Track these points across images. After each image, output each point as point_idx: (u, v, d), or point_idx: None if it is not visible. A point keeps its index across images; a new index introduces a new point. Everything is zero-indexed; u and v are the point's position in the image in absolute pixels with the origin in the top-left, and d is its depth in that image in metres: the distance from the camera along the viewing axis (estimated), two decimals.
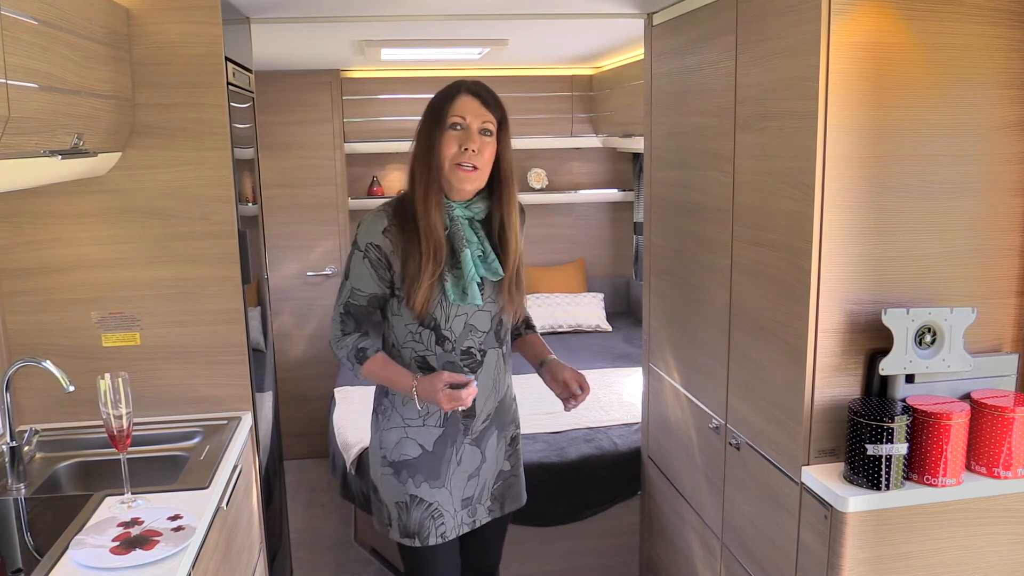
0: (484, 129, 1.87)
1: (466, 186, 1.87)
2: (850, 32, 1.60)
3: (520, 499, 2.15)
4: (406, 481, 1.95)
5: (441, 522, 1.97)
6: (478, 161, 1.85)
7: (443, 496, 1.97)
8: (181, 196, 2.22)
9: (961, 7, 1.63)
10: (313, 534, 3.72)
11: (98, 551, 1.56)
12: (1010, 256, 1.76)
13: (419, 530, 1.95)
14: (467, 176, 1.85)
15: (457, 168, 1.85)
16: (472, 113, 1.86)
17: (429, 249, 1.84)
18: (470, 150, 1.84)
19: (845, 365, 1.73)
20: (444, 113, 1.87)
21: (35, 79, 1.51)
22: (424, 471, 1.95)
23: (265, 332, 2.76)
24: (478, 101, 1.88)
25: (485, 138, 1.87)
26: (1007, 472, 1.67)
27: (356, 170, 4.69)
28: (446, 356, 1.92)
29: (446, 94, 1.90)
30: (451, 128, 1.86)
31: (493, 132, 1.89)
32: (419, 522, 1.95)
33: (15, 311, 2.23)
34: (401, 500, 1.96)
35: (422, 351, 1.92)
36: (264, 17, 2.64)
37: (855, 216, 1.67)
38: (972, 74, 1.66)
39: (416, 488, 1.95)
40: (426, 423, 1.95)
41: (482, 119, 1.87)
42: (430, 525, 1.96)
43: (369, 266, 1.88)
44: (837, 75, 1.61)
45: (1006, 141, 1.71)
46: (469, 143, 1.84)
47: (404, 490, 1.95)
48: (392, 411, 1.97)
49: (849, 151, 1.64)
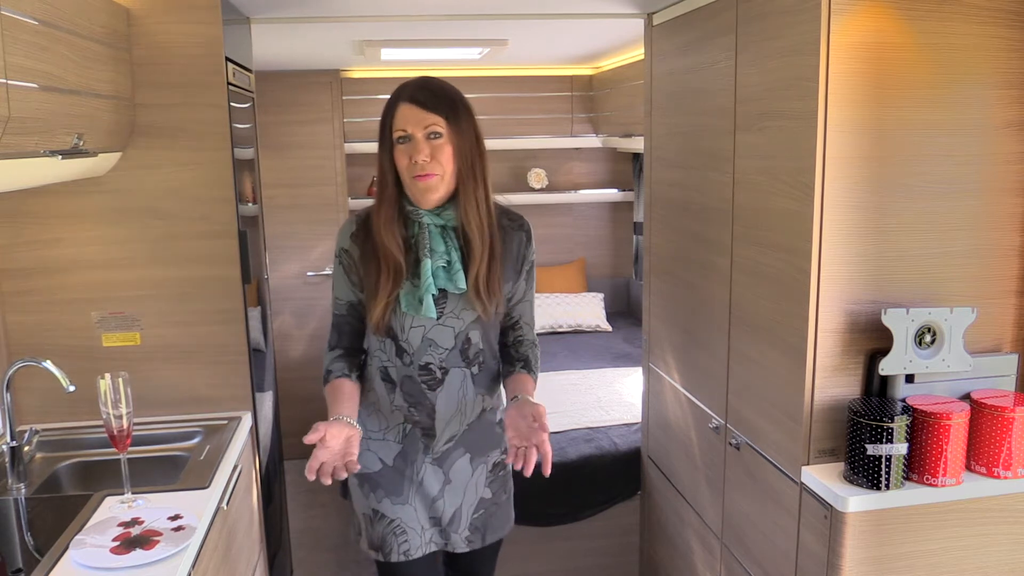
0: (430, 133, 1.74)
1: (429, 195, 1.76)
2: (850, 32, 1.60)
3: (504, 527, 2.03)
4: (368, 495, 1.91)
5: (404, 539, 1.89)
6: (433, 168, 1.74)
7: (407, 513, 1.89)
8: (181, 196, 2.22)
9: (961, 7, 1.63)
10: (313, 534, 3.72)
11: (98, 551, 1.56)
12: (1010, 256, 1.76)
13: (382, 545, 1.90)
14: (427, 184, 1.75)
15: (415, 179, 1.75)
16: (413, 122, 1.75)
17: (387, 267, 1.77)
18: (419, 161, 1.73)
19: (845, 365, 1.73)
20: (388, 128, 1.78)
21: (35, 79, 1.51)
22: (385, 486, 1.89)
23: (265, 332, 2.76)
24: (416, 107, 1.75)
25: (435, 142, 1.74)
26: (1007, 472, 1.67)
27: (356, 170, 4.69)
28: (405, 370, 1.83)
29: (387, 107, 1.80)
30: (397, 142, 1.76)
31: (442, 133, 1.75)
32: (382, 537, 1.90)
33: (15, 311, 2.23)
34: (367, 512, 1.92)
35: (385, 361, 1.85)
36: (264, 17, 2.64)
37: (855, 216, 1.67)
38: (972, 74, 1.66)
39: (378, 503, 1.90)
40: (385, 437, 1.90)
41: (424, 124, 1.74)
42: (392, 541, 1.89)
43: (343, 272, 1.84)
44: (837, 75, 1.61)
45: (1006, 141, 1.71)
46: (416, 154, 1.73)
47: (367, 503, 1.91)
48: (361, 421, 1.85)
49: (849, 151, 1.64)
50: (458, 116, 1.77)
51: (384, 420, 1.89)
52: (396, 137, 1.76)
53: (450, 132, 1.76)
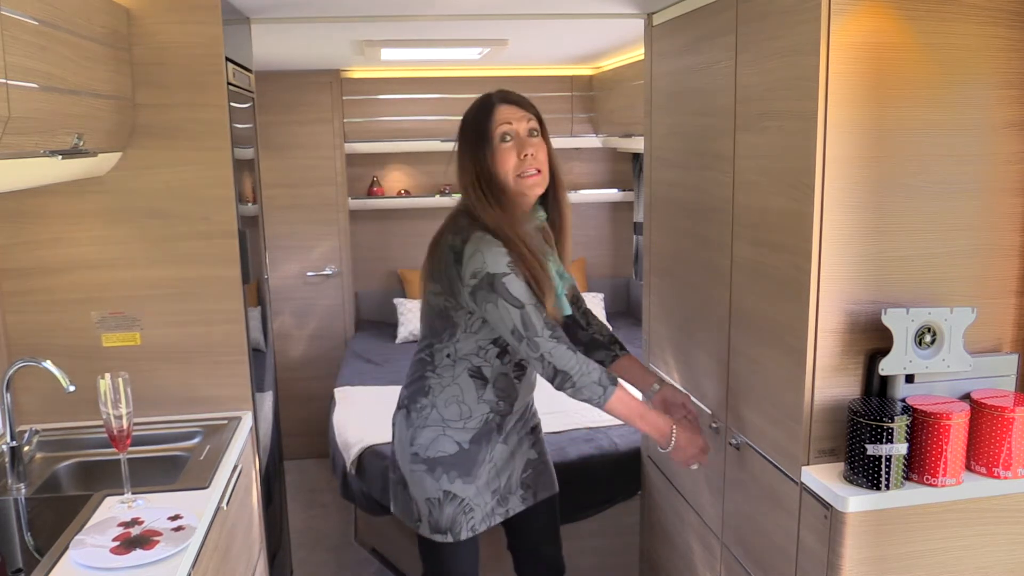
0: (531, 130, 1.87)
1: (536, 191, 1.88)
2: (850, 32, 1.60)
3: (552, 486, 2.20)
4: (440, 477, 1.96)
5: (471, 516, 1.99)
6: (538, 164, 1.85)
7: (473, 491, 1.99)
8: (181, 196, 2.22)
9: (961, 7, 1.63)
10: (313, 534, 3.72)
11: (98, 551, 1.56)
12: (1010, 256, 1.76)
13: (451, 526, 1.98)
14: (534, 181, 1.86)
15: (521, 179, 1.84)
16: (516, 118, 1.85)
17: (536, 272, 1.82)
18: (529, 155, 1.83)
19: (845, 365, 1.73)
20: (487, 129, 1.85)
21: (35, 79, 1.51)
22: (458, 467, 1.97)
23: (265, 332, 2.76)
24: (516, 106, 1.87)
25: (535, 139, 1.87)
26: (1007, 472, 1.67)
27: (356, 170, 4.69)
28: (502, 368, 1.96)
29: (481, 110, 1.88)
30: (502, 141, 1.84)
31: (538, 131, 1.89)
32: (452, 518, 1.97)
33: (15, 311, 2.23)
34: (433, 496, 1.97)
35: (478, 363, 1.94)
36: (264, 17, 2.64)
37: (855, 216, 1.67)
38: (972, 74, 1.66)
39: (450, 484, 1.97)
40: (466, 426, 1.97)
41: (526, 121, 1.87)
42: (462, 520, 1.98)
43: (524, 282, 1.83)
44: (837, 75, 1.61)
45: (1006, 141, 1.71)
46: (525, 148, 1.84)
47: (437, 486, 1.97)
48: (431, 410, 1.97)
49: (849, 151, 1.64)
50: (543, 120, 1.92)
51: (467, 410, 1.97)
52: (501, 133, 1.84)
53: (542, 131, 1.90)
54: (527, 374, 2.02)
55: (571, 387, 1.81)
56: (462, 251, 1.81)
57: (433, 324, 1.96)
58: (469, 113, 1.90)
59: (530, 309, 1.79)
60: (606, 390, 1.82)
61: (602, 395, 1.82)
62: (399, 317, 4.63)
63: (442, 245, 1.88)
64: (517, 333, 1.79)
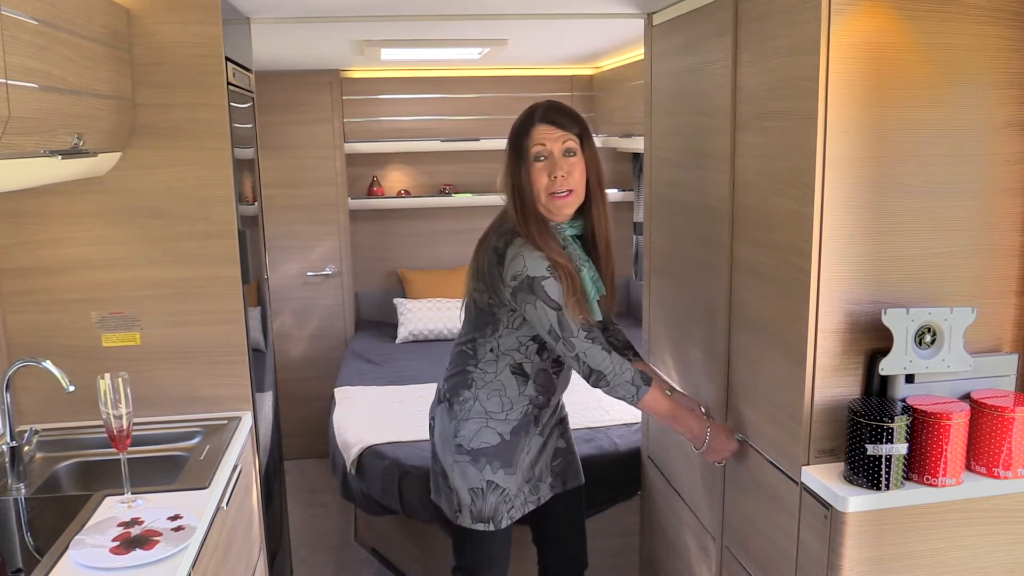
0: (567, 151, 1.91)
1: (565, 211, 1.94)
2: (850, 32, 1.59)
3: (579, 477, 2.28)
4: (484, 468, 2.05)
5: (511, 505, 2.09)
6: (570, 184, 1.91)
7: (512, 481, 2.08)
8: (181, 196, 2.22)
9: (961, 7, 1.63)
10: (313, 534, 3.72)
11: (98, 551, 1.56)
12: (1010, 256, 1.76)
13: (493, 514, 2.07)
14: (565, 202, 1.92)
15: (552, 197, 1.90)
16: (551, 139, 1.90)
17: (566, 277, 1.89)
18: (559, 177, 1.89)
19: (845, 365, 1.73)
20: (524, 147, 1.91)
21: (35, 79, 1.51)
22: (500, 458, 2.05)
23: (265, 332, 2.76)
24: (553, 126, 1.91)
25: (571, 159, 1.91)
26: (1007, 472, 1.67)
27: (356, 170, 4.69)
28: (541, 364, 2.05)
29: (521, 126, 1.94)
30: (535, 160, 1.90)
31: (577, 151, 1.93)
32: (494, 507, 2.06)
33: (15, 311, 2.23)
34: (476, 486, 2.05)
35: (520, 359, 2.03)
36: (264, 17, 2.64)
37: (855, 216, 1.67)
38: (972, 74, 1.66)
39: (493, 474, 2.05)
40: (508, 417, 2.05)
41: (562, 141, 1.91)
42: (503, 509, 2.08)
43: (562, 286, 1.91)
44: (837, 75, 1.61)
45: (1006, 141, 1.70)
46: (556, 170, 1.89)
47: (481, 476, 2.05)
48: (474, 403, 2.05)
49: (849, 151, 1.64)
50: (588, 133, 1.97)
51: (508, 403, 2.05)
52: (535, 154, 1.91)
53: (582, 150, 1.94)
54: (564, 369, 2.11)
55: (606, 385, 1.92)
56: (504, 254, 1.92)
57: (476, 319, 2.05)
58: (515, 124, 1.97)
59: (567, 311, 1.89)
60: (639, 389, 1.93)
61: (635, 394, 1.93)
62: (399, 317, 4.63)
63: (486, 246, 1.99)
64: (554, 333, 1.90)
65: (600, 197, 1.99)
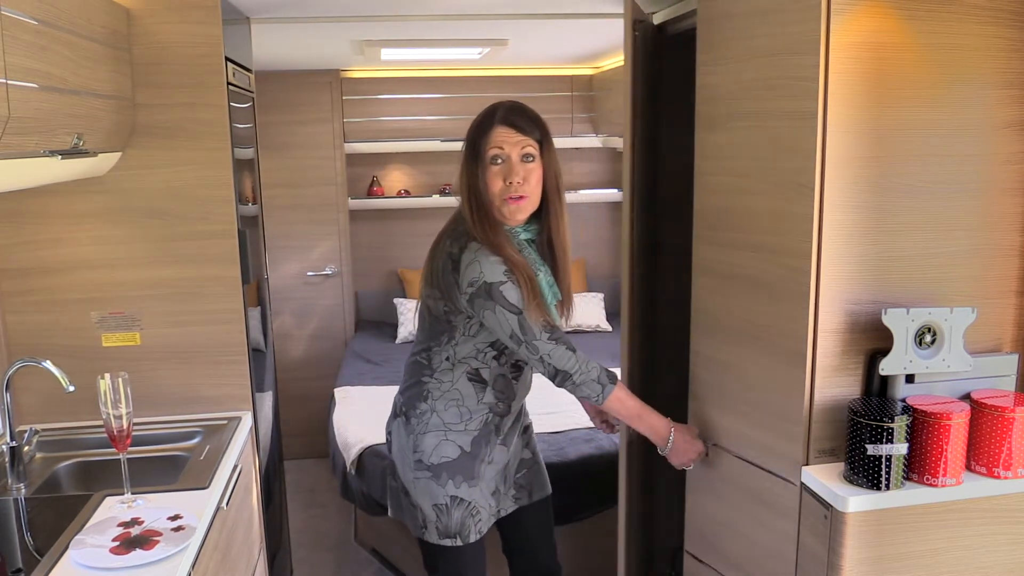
0: (525, 155, 1.85)
1: (519, 216, 1.88)
2: (850, 32, 1.59)
3: (546, 487, 2.21)
4: (446, 483, 1.96)
5: (479, 518, 2.00)
6: (525, 190, 1.85)
7: (477, 493, 2.00)
8: (181, 196, 2.22)
9: (961, 7, 1.63)
10: (313, 534, 3.72)
11: (98, 551, 1.56)
12: (1010, 256, 1.76)
13: (460, 529, 1.97)
14: (518, 207, 1.86)
15: (507, 201, 1.85)
16: (509, 143, 1.84)
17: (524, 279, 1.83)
18: (515, 183, 1.83)
19: (845, 365, 1.73)
20: (481, 148, 1.85)
21: (35, 79, 1.52)
22: (463, 471, 1.97)
23: (265, 332, 2.76)
24: (513, 129, 1.84)
25: (528, 165, 1.85)
26: (1007, 472, 1.67)
27: (356, 170, 4.69)
28: (499, 369, 1.97)
29: (480, 127, 1.87)
30: (492, 163, 1.84)
31: (535, 156, 1.86)
32: (460, 521, 1.97)
33: (15, 311, 2.23)
34: (440, 502, 1.96)
35: (477, 365, 1.95)
36: (264, 17, 2.64)
37: (855, 216, 1.67)
38: (972, 74, 1.66)
39: (456, 488, 1.96)
40: (467, 428, 1.97)
41: (521, 147, 1.84)
42: (470, 523, 1.98)
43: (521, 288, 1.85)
44: (837, 75, 1.61)
45: (1006, 141, 1.70)
46: (512, 175, 1.83)
47: (444, 492, 1.96)
48: (431, 415, 1.97)
49: (849, 151, 1.64)
50: (549, 139, 1.90)
51: (467, 413, 1.97)
52: (491, 156, 1.84)
53: (541, 155, 1.88)
54: (523, 374, 2.04)
55: (572, 385, 1.87)
56: (459, 259, 1.84)
57: (431, 328, 1.98)
58: (472, 124, 1.90)
59: (528, 314, 1.83)
60: (605, 388, 1.87)
61: (601, 392, 1.87)
62: (399, 317, 4.63)
63: (440, 251, 1.91)
64: (516, 337, 1.83)
65: (558, 204, 1.93)
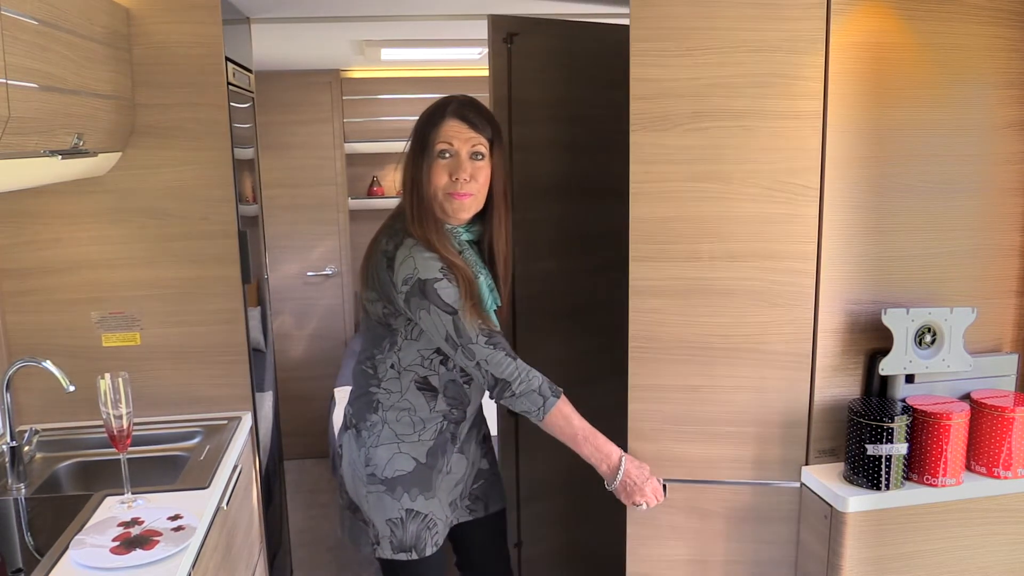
0: (475, 153, 1.75)
1: (462, 214, 1.77)
2: (850, 32, 1.60)
3: (502, 499, 2.09)
4: (401, 496, 1.86)
5: (436, 531, 1.90)
6: (471, 188, 1.74)
7: (434, 505, 1.90)
8: (181, 196, 2.22)
9: (961, 7, 1.63)
10: (313, 534, 3.72)
11: (98, 551, 1.56)
12: (1010, 256, 1.76)
13: (416, 543, 1.87)
14: (462, 204, 1.75)
15: (450, 196, 1.74)
16: (460, 138, 1.74)
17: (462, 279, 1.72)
18: (461, 179, 1.73)
19: (845, 365, 1.73)
20: (430, 140, 1.75)
21: (35, 79, 1.51)
22: (418, 484, 1.87)
23: (265, 332, 2.76)
24: (465, 124, 1.75)
25: (477, 162, 1.75)
26: (1007, 472, 1.67)
27: (356, 170, 4.69)
28: (449, 375, 1.85)
29: (430, 118, 1.78)
30: (439, 156, 1.74)
31: (485, 155, 1.76)
32: (416, 535, 1.87)
33: (15, 311, 2.23)
34: (395, 516, 1.87)
35: (424, 373, 1.83)
36: (264, 17, 2.64)
37: (855, 216, 1.67)
38: (972, 74, 1.66)
39: (412, 502, 1.87)
40: (420, 438, 1.87)
41: (471, 143, 1.74)
42: (426, 536, 1.88)
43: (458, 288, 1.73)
44: (837, 75, 1.61)
45: (1006, 141, 1.71)
46: (459, 172, 1.72)
47: (399, 505, 1.86)
48: (383, 427, 1.86)
49: (849, 151, 1.64)
50: (500, 139, 1.80)
51: (420, 423, 1.86)
52: (439, 150, 1.75)
53: (491, 154, 1.77)
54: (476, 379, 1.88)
55: (511, 396, 1.71)
56: (394, 256, 1.74)
57: (373, 333, 1.87)
58: (423, 114, 1.82)
59: (463, 315, 1.71)
60: (546, 401, 1.70)
61: (542, 406, 1.70)
62: None
63: (376, 249, 1.82)
64: (451, 340, 1.71)
65: (502, 207, 1.82)
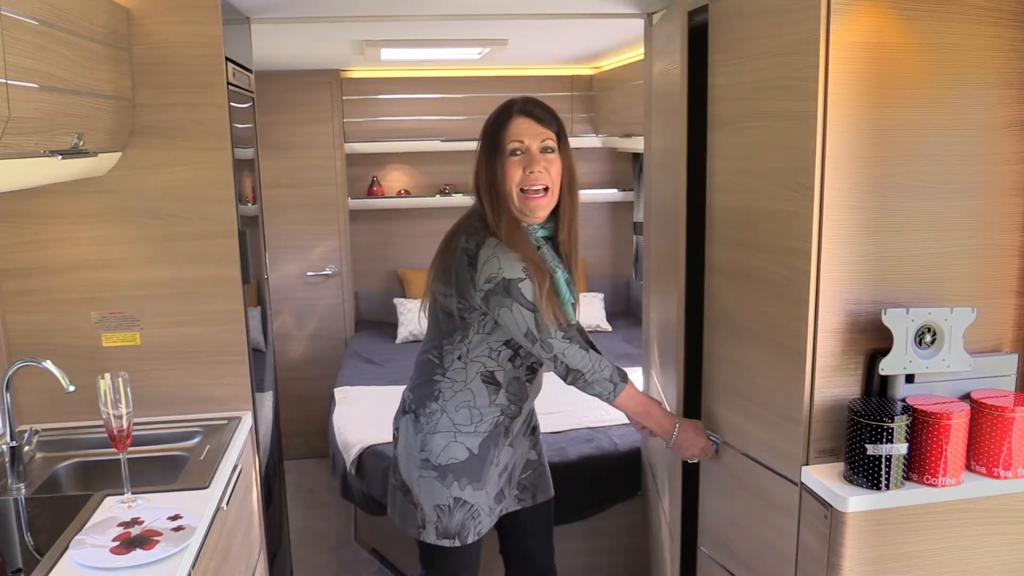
0: (545, 147, 1.84)
1: (539, 213, 1.87)
2: (849, 32, 1.59)
3: (549, 490, 2.21)
4: (451, 484, 1.95)
5: (479, 520, 1.99)
6: (546, 180, 1.83)
7: (481, 497, 1.99)
8: (181, 196, 2.22)
9: (961, 7, 1.63)
10: (313, 534, 3.72)
11: (98, 551, 1.56)
12: (1010, 256, 1.76)
13: (460, 531, 1.97)
14: (538, 203, 1.84)
15: (526, 197, 1.83)
16: (529, 134, 1.83)
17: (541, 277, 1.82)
18: (536, 171, 1.81)
19: (845, 365, 1.73)
20: (501, 140, 1.83)
21: (35, 79, 1.52)
22: (469, 474, 1.96)
23: (265, 332, 2.76)
24: (532, 120, 1.84)
25: (549, 156, 1.84)
26: (1007, 472, 1.67)
27: (356, 170, 4.70)
28: (514, 372, 1.97)
29: (498, 118, 1.86)
30: (511, 154, 1.83)
31: (555, 148, 1.85)
32: (461, 523, 1.97)
33: (15, 311, 2.23)
34: (443, 503, 1.96)
35: (492, 367, 1.94)
36: (264, 17, 2.64)
37: (855, 216, 1.67)
38: (972, 74, 1.66)
39: (461, 491, 1.96)
40: (477, 429, 1.96)
41: (541, 138, 1.83)
42: (471, 525, 1.98)
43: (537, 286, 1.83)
44: (837, 75, 1.61)
45: (1006, 141, 1.70)
46: (533, 164, 1.81)
47: (448, 493, 1.95)
48: (441, 415, 1.96)
49: (849, 151, 1.64)
50: (564, 135, 1.89)
51: (477, 414, 1.96)
52: (511, 149, 1.82)
53: (560, 148, 1.86)
54: (537, 376, 2.04)
55: (583, 383, 1.89)
56: (476, 255, 1.82)
57: (443, 325, 1.95)
58: (490, 118, 1.89)
59: (542, 312, 1.82)
60: (616, 387, 1.90)
61: (612, 391, 1.90)
62: (399, 317, 4.63)
63: (454, 247, 1.88)
64: (531, 335, 1.83)
65: (572, 201, 1.91)
